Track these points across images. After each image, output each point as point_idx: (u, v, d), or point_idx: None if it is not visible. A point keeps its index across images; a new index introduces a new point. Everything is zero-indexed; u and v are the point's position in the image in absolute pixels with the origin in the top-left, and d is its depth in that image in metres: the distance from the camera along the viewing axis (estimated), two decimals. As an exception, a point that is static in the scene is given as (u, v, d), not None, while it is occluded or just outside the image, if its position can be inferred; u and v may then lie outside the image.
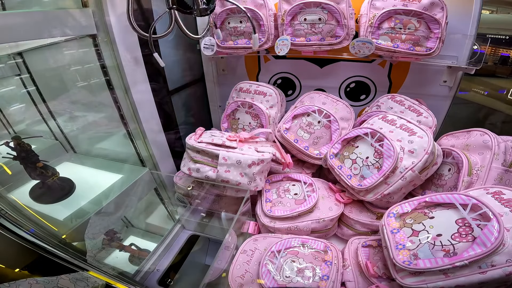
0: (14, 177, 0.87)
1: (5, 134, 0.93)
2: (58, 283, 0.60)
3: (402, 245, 0.61)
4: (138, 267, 0.92)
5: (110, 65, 0.89)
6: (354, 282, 0.70)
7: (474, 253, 0.52)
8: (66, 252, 0.67)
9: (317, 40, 0.99)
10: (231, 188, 0.91)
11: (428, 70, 1.09)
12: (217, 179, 0.88)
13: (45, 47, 0.91)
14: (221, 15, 1.06)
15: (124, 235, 1.06)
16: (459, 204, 0.61)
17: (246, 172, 0.88)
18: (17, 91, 1.02)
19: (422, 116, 0.97)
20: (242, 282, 0.71)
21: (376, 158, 0.83)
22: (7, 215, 0.65)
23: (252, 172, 0.88)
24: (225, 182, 0.88)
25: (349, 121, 1.10)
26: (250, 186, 0.89)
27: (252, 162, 0.87)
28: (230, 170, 0.87)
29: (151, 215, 1.16)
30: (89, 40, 0.85)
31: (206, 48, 1.12)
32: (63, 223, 0.82)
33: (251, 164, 0.87)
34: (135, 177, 1.03)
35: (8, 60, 0.96)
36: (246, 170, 0.87)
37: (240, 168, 0.87)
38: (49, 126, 1.08)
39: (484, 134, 0.79)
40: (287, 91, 1.31)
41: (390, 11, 0.91)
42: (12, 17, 0.65)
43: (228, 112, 1.17)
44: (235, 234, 0.90)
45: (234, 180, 0.87)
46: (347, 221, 0.90)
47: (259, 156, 0.89)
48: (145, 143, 1.04)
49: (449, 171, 0.82)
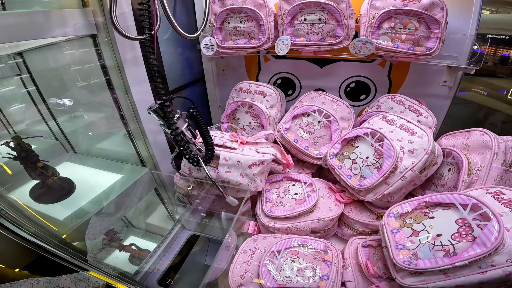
0: (14, 177, 0.87)
1: (5, 134, 0.93)
2: (59, 283, 0.60)
3: (402, 245, 0.61)
4: (138, 267, 0.92)
5: (110, 65, 0.88)
6: (354, 282, 0.70)
7: (474, 253, 0.52)
8: (66, 252, 0.67)
9: (317, 40, 0.99)
10: (232, 188, 0.91)
11: (428, 70, 1.09)
12: (217, 179, 0.88)
13: (45, 47, 0.91)
14: (221, 15, 1.06)
15: (124, 235, 1.06)
16: (459, 204, 0.61)
17: (247, 173, 0.88)
18: (17, 91, 1.02)
19: (422, 116, 0.97)
20: (242, 282, 0.71)
21: (376, 158, 0.83)
22: (7, 215, 0.65)
23: (252, 173, 0.88)
24: (225, 182, 0.88)
25: (349, 121, 1.10)
26: (250, 186, 0.89)
27: (253, 163, 0.87)
28: (231, 171, 0.87)
29: (151, 215, 1.16)
30: (89, 40, 0.85)
31: (206, 48, 1.12)
32: (63, 223, 0.82)
33: (251, 165, 0.87)
34: (135, 177, 1.03)
35: (8, 60, 0.96)
36: (247, 171, 0.87)
37: (241, 168, 0.87)
38: (49, 126, 1.08)
39: (484, 134, 0.79)
40: (287, 91, 1.31)
41: (390, 11, 0.91)
42: (12, 17, 0.65)
43: (228, 112, 1.18)
44: (235, 234, 0.90)
45: (235, 180, 0.87)
46: (347, 221, 0.90)
47: (259, 157, 0.89)
48: (145, 143, 1.04)
49: (449, 171, 0.82)
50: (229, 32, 1.08)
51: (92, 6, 0.80)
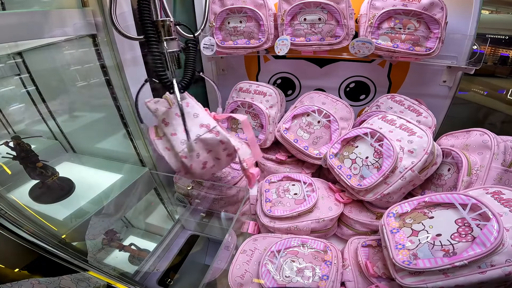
0: (14, 177, 0.87)
1: (5, 134, 0.93)
2: (60, 284, 0.60)
3: (402, 245, 0.61)
4: (138, 267, 0.92)
5: (110, 65, 0.88)
6: (353, 282, 0.70)
7: (473, 253, 0.52)
8: (65, 252, 0.67)
9: (317, 40, 0.99)
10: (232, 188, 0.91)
11: (428, 70, 1.09)
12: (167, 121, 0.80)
13: (45, 47, 0.91)
14: (221, 15, 1.06)
15: (124, 235, 1.06)
16: (459, 204, 0.61)
17: (193, 130, 0.78)
18: (16, 91, 1.02)
19: (422, 116, 0.97)
20: (242, 282, 0.71)
21: (375, 158, 0.83)
22: (7, 215, 0.65)
23: (197, 133, 0.76)
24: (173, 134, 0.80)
25: (348, 121, 1.10)
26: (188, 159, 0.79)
27: (207, 124, 0.76)
28: (187, 119, 0.76)
29: (151, 215, 1.16)
30: (89, 40, 0.85)
31: (206, 48, 1.12)
32: (63, 223, 0.82)
33: (203, 124, 0.76)
34: (135, 177, 1.03)
35: (7, 60, 0.96)
36: (197, 128, 0.77)
37: (194, 121, 0.78)
38: (48, 126, 1.08)
39: (484, 134, 0.79)
40: (287, 91, 1.31)
41: (390, 11, 0.91)
42: (12, 17, 0.65)
43: (228, 112, 1.17)
44: (235, 234, 0.90)
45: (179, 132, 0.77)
46: (347, 221, 0.90)
47: (217, 125, 0.78)
48: (145, 143, 1.04)
49: (448, 171, 0.82)
50: (228, 32, 1.08)
51: (92, 6, 0.80)
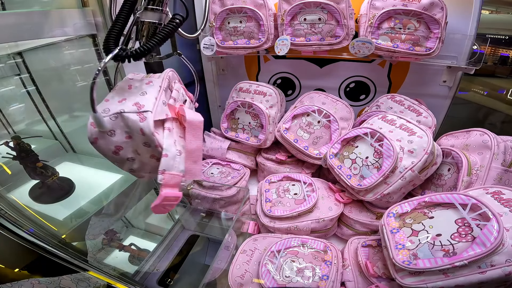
0: (14, 177, 0.87)
1: (5, 134, 0.93)
2: (60, 284, 0.60)
3: (402, 245, 0.61)
4: (138, 267, 0.92)
5: (110, 65, 0.88)
6: (353, 282, 0.70)
7: (473, 253, 0.52)
8: (66, 252, 0.67)
9: (317, 40, 0.99)
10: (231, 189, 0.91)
11: (428, 70, 1.09)
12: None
13: (45, 47, 0.91)
14: (221, 15, 1.06)
15: (124, 235, 1.05)
16: (459, 204, 0.61)
17: None
18: (16, 91, 1.02)
19: (422, 116, 0.97)
20: (242, 282, 0.71)
21: (375, 158, 0.83)
22: (7, 215, 0.65)
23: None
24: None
25: (348, 121, 1.10)
26: None
27: (142, 105, 0.56)
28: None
29: (151, 215, 1.16)
30: (89, 40, 0.85)
31: (206, 48, 1.12)
32: (63, 223, 0.82)
33: (137, 103, 0.57)
34: (135, 177, 1.03)
35: (8, 60, 0.96)
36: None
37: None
38: (48, 126, 1.08)
39: (484, 134, 0.79)
40: (287, 91, 1.31)
41: (390, 11, 0.91)
42: (12, 17, 0.65)
43: (227, 112, 1.17)
44: (235, 234, 0.90)
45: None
46: (347, 221, 0.90)
47: (151, 112, 0.56)
48: (145, 143, 1.04)
49: (448, 171, 0.82)
50: (228, 32, 1.08)
51: (92, 6, 0.80)
